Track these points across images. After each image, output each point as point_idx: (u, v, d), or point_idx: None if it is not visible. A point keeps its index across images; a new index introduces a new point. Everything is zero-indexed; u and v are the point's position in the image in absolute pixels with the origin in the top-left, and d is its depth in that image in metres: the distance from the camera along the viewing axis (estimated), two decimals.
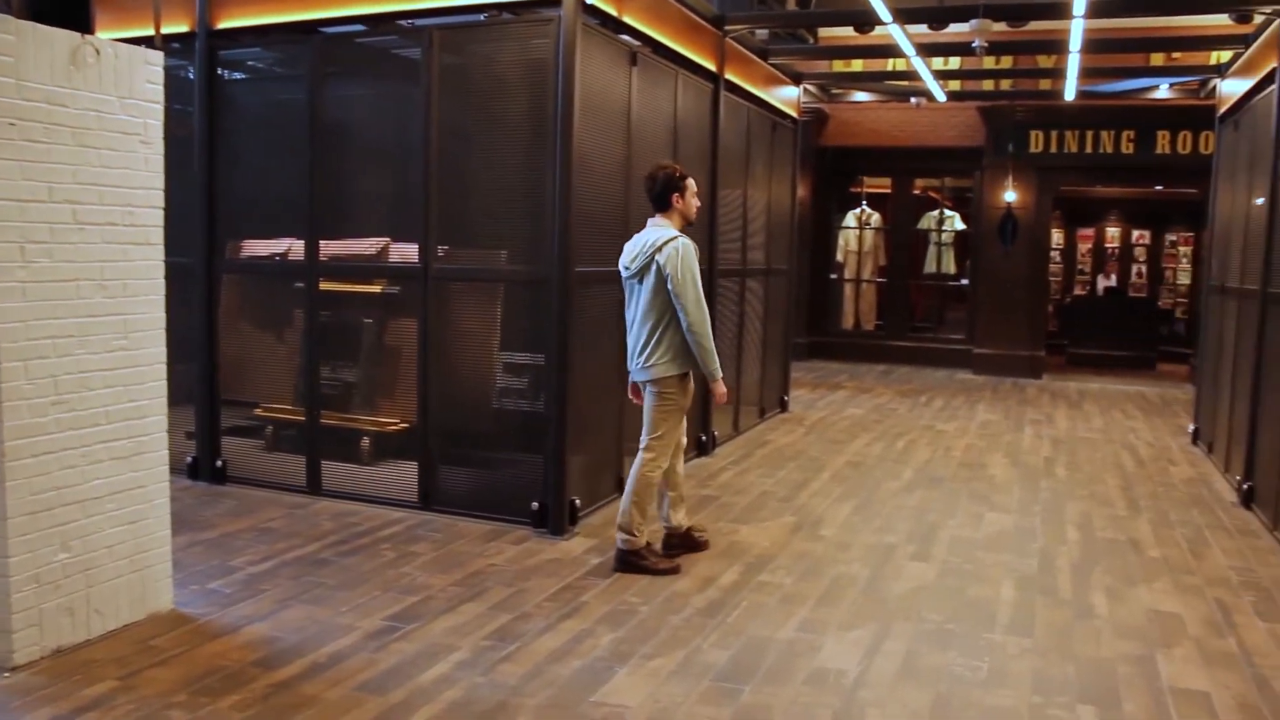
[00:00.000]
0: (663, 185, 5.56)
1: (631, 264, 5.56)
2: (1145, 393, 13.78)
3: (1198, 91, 12.22)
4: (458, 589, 5.10)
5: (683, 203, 5.60)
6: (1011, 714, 3.95)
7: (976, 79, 13.88)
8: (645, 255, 5.47)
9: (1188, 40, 11.47)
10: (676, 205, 5.58)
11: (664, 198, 5.58)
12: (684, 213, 5.61)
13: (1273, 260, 7.24)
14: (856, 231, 16.82)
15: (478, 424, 6.67)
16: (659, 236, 5.47)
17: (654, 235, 5.50)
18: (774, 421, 10.41)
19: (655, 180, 5.59)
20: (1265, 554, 6.22)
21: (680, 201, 5.59)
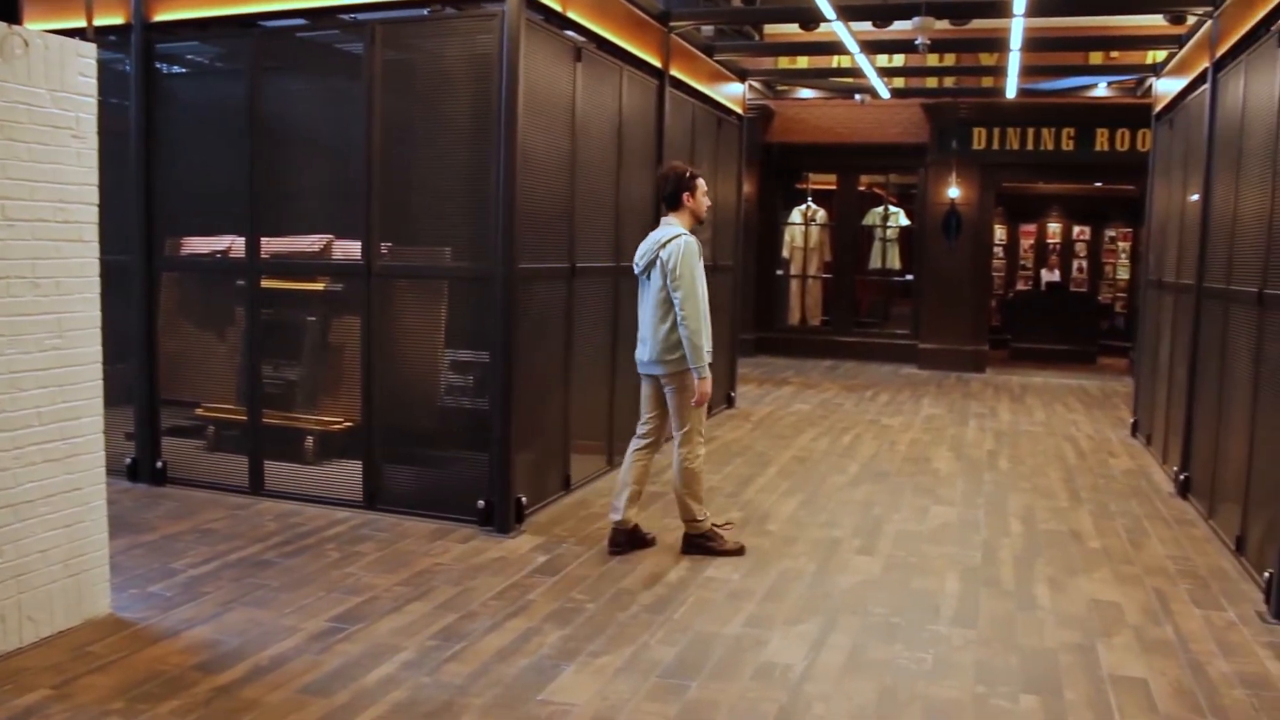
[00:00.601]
0: (674, 184, 5.76)
1: (640, 261, 5.76)
2: (1086, 386, 14.00)
3: (1135, 90, 12.42)
4: (403, 589, 5.06)
5: (693, 201, 5.77)
6: (956, 705, 3.98)
7: (920, 76, 14.02)
8: (651, 252, 5.66)
9: (1125, 40, 11.66)
10: (687, 204, 5.77)
11: (675, 196, 5.76)
12: (694, 211, 5.79)
13: (1207, 255, 7.38)
14: (802, 228, 16.92)
15: (423, 422, 6.62)
16: (666, 234, 5.65)
17: (662, 233, 5.68)
18: (720, 417, 10.44)
19: (667, 180, 5.80)
20: (1201, 543, 6.34)
21: (691, 200, 5.77)
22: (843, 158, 16.44)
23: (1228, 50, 7.23)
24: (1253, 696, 4.13)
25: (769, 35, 14.13)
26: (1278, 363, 5.41)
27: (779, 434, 9.64)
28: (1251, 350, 5.95)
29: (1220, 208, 7.11)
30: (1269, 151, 5.89)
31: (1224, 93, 7.32)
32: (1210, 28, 7.71)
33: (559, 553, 5.71)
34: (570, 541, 5.93)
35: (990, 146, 15.20)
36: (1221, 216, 7.04)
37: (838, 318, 16.79)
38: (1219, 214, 7.13)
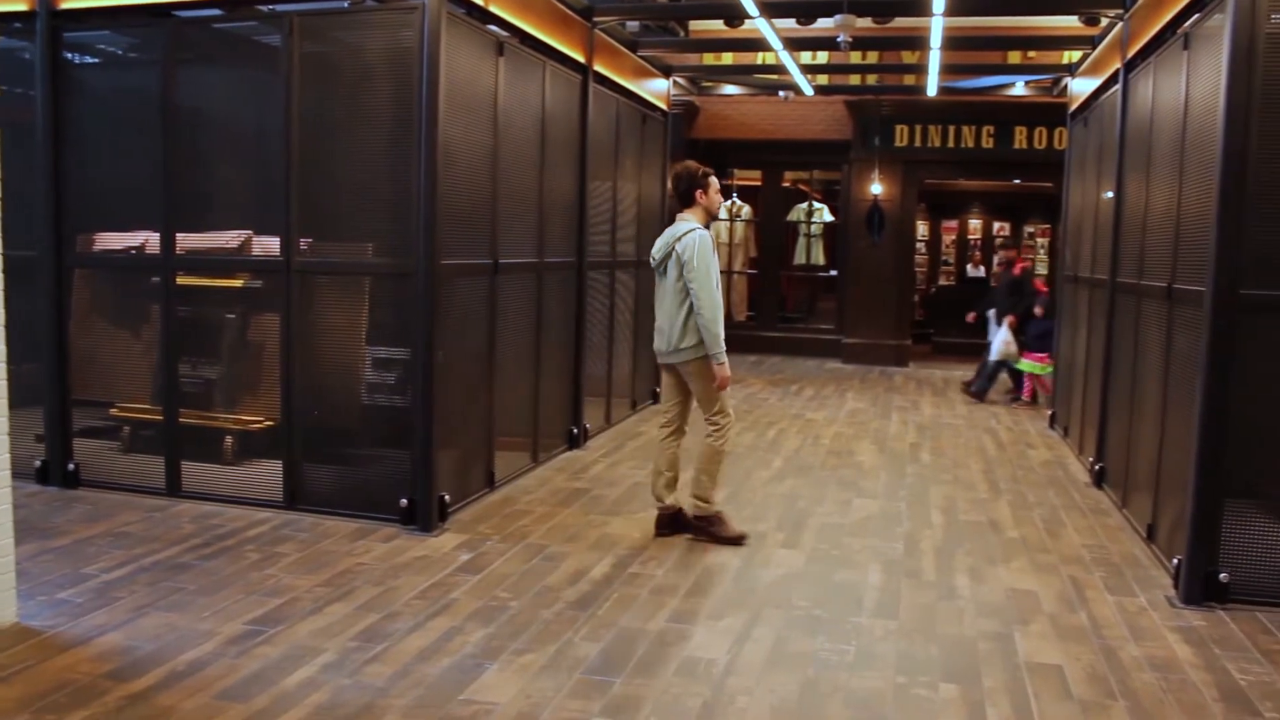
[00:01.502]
0: (687, 183, 5.99)
1: (657, 254, 6.01)
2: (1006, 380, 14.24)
3: (1051, 89, 12.68)
4: (324, 590, 4.99)
5: (706, 198, 6.01)
6: (877, 695, 4.03)
7: (844, 74, 14.16)
8: (667, 246, 5.91)
9: (1042, 40, 11.88)
10: (700, 201, 6.00)
11: (689, 194, 6.00)
12: (708, 207, 6.03)
13: (1119, 251, 7.55)
14: (727, 223, 16.99)
15: (345, 420, 6.54)
16: (681, 229, 5.90)
17: (677, 228, 5.94)
18: (646, 413, 10.45)
19: (680, 178, 6.03)
20: (1115, 531, 6.50)
21: (704, 197, 6.00)
22: (767, 154, 16.55)
23: (1138, 51, 7.40)
24: (1161, 679, 4.25)
25: (694, 32, 14.17)
26: (1186, 355, 5.56)
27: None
28: (1161, 343, 6.11)
29: (1132, 205, 7.28)
30: (1176, 150, 6.05)
31: (1134, 93, 7.49)
32: (1121, 29, 7.89)
33: (483, 551, 5.67)
34: (494, 539, 5.90)
35: (912, 144, 15.41)
36: (1133, 213, 7.21)
37: (763, 313, 16.91)
38: (1130, 211, 7.31)
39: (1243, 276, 5.02)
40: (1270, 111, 4.96)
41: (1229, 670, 4.36)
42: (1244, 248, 5.00)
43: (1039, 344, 11.69)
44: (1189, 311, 5.54)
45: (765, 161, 16.86)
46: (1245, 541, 5.13)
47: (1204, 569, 5.14)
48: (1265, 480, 5.30)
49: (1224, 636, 4.74)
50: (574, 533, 6.09)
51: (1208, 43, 5.50)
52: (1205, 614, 5.02)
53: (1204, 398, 5.13)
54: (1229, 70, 4.97)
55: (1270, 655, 4.53)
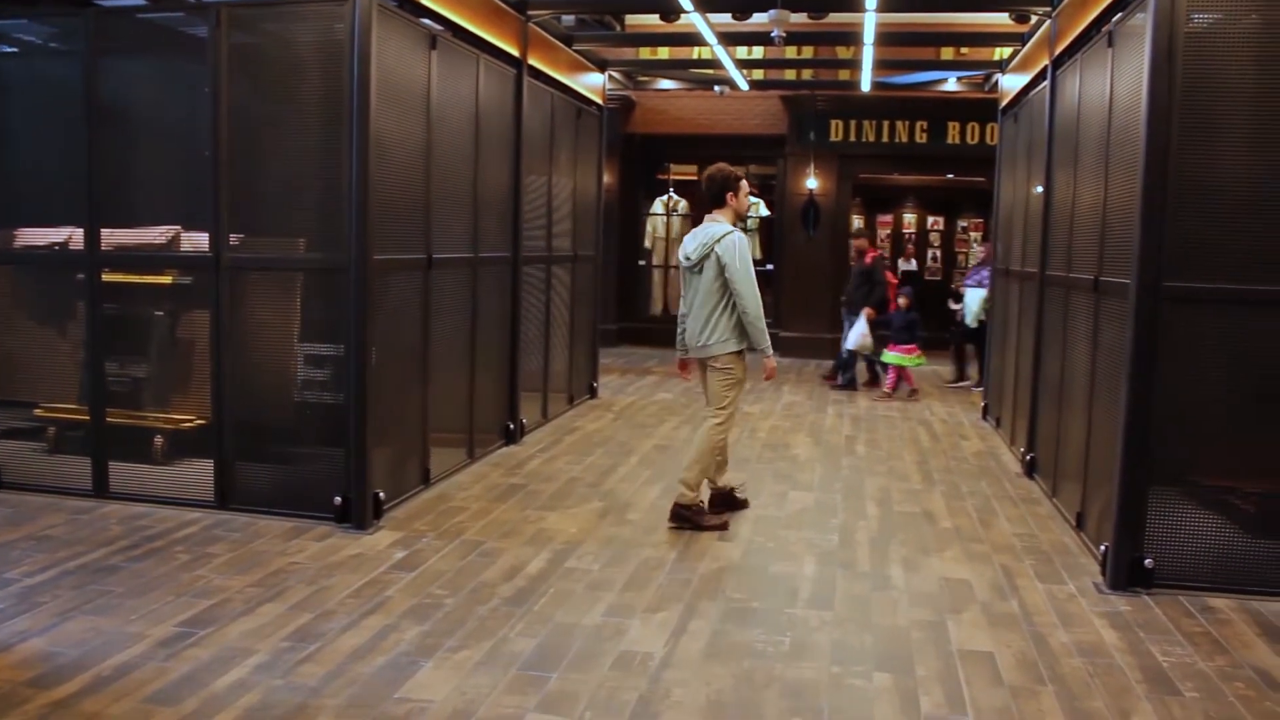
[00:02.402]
0: (719, 185, 6.25)
1: (693, 254, 6.20)
2: (941, 371, 14.41)
3: (983, 85, 12.85)
4: (256, 590, 4.92)
5: (736, 200, 6.28)
6: (812, 685, 4.07)
7: (779, 69, 14.25)
8: (705, 247, 6.11)
9: (973, 36, 12.06)
10: (730, 203, 6.26)
11: (720, 196, 6.25)
12: (737, 209, 6.30)
13: (1049, 244, 7.69)
14: (664, 218, 17.02)
15: (277, 418, 6.45)
16: (717, 231, 6.13)
17: (713, 229, 6.16)
18: (583, 408, 10.45)
19: (714, 180, 6.27)
20: (1045, 520, 6.62)
21: (734, 199, 6.27)
22: (704, 148, 16.52)
23: (1065, 48, 7.53)
24: (1088, 663, 4.34)
25: (630, 26, 14.17)
26: (1112, 347, 5.67)
27: (641, 423, 9.70)
28: (1089, 335, 6.23)
29: (1060, 199, 7.41)
30: (1101, 146, 6.16)
31: (1062, 89, 7.63)
32: (1049, 27, 8.03)
33: (418, 548, 5.63)
34: (430, 536, 5.86)
35: (847, 138, 15.55)
36: (1061, 207, 7.34)
37: None
38: (1059, 205, 7.44)
39: (1165, 269, 5.13)
40: (1190, 108, 5.07)
41: (1153, 653, 4.47)
42: (1166, 241, 5.11)
43: (904, 335, 11.79)
44: (1115, 303, 5.65)
45: (701, 156, 16.76)
46: (1169, 528, 5.25)
47: (1130, 555, 5.25)
48: (1188, 468, 5.43)
49: (1148, 620, 4.85)
50: (510, 528, 6.07)
51: (1131, 41, 5.61)
52: (1131, 599, 5.14)
53: (1129, 388, 5.24)
54: (1150, 68, 5.07)
55: (1192, 637, 4.65)
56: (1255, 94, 5.05)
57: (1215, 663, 4.38)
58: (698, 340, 6.26)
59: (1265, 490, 5.47)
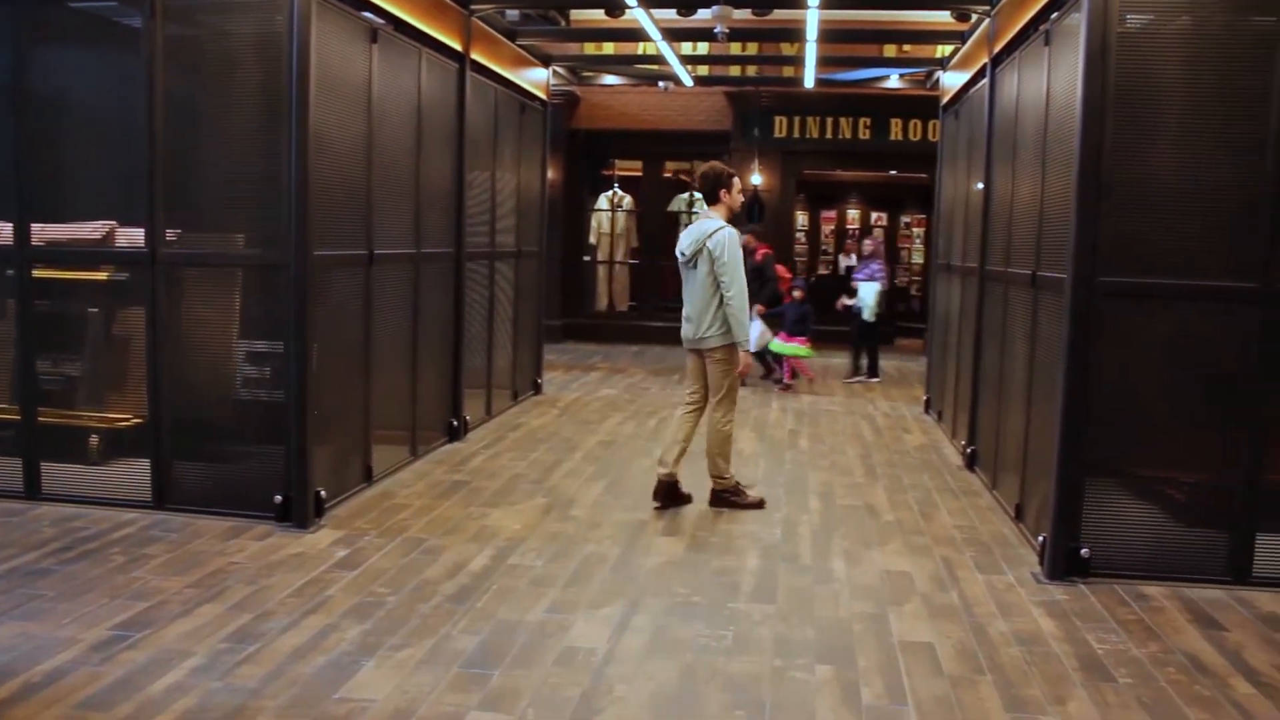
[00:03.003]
0: (713, 182, 6.53)
1: (686, 250, 6.48)
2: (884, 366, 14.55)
3: (925, 82, 12.99)
4: (194, 591, 4.84)
5: (729, 197, 6.56)
6: (754, 679, 4.09)
7: (724, 65, 14.29)
8: (698, 243, 6.38)
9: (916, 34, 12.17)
10: (724, 199, 6.55)
11: (714, 193, 6.54)
12: (730, 205, 6.58)
13: (988, 240, 7.79)
14: (609, 214, 17.03)
15: (217, 416, 6.34)
16: (709, 227, 6.40)
17: (705, 226, 6.44)
18: (527, 404, 10.42)
19: (707, 178, 6.56)
20: (985, 512, 6.71)
21: (728, 196, 6.55)
22: (648, 144, 16.62)
23: (1004, 47, 7.63)
24: (1026, 652, 4.41)
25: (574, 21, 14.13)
26: (1049, 341, 5.76)
27: (585, 419, 9.69)
28: (1027, 329, 6.32)
29: (999, 195, 7.52)
30: (1039, 143, 6.26)
31: (1001, 87, 7.73)
32: (988, 25, 8.12)
33: (360, 546, 5.58)
34: (372, 534, 5.81)
35: (791, 135, 15.66)
36: (1000, 203, 7.44)
37: (645, 303, 16.97)
38: (998, 201, 7.54)
39: (1100, 264, 5.22)
40: (1124, 107, 5.16)
41: (1089, 641, 4.54)
42: (1101, 237, 5.20)
43: (797, 328, 11.88)
44: (1052, 298, 5.74)
45: (646, 152, 16.92)
46: (1105, 518, 5.35)
47: (1066, 546, 5.34)
48: (1123, 459, 5.53)
49: (1084, 609, 4.94)
50: (453, 525, 6.03)
51: (1066, 40, 5.70)
52: (1068, 588, 5.22)
53: (1065, 381, 5.32)
54: (1085, 67, 5.16)
55: (1126, 625, 4.74)
56: (1185, 93, 5.15)
57: (1148, 649, 4.47)
58: (695, 333, 6.52)
59: (1197, 480, 5.59)
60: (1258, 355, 5.22)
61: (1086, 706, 3.92)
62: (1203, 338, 5.33)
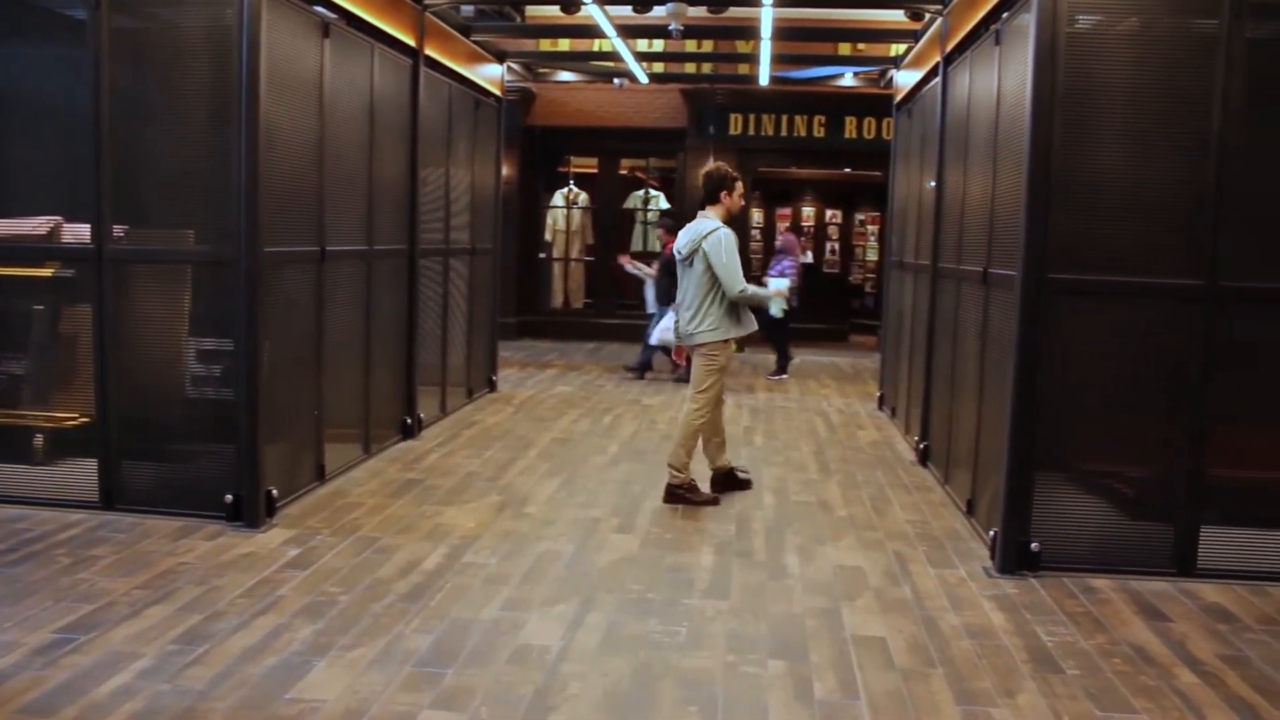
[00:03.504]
0: (715, 183, 6.68)
1: (684, 249, 6.64)
2: (839, 363, 14.71)
3: (878, 81, 13.07)
4: (142, 592, 4.77)
5: (730, 199, 6.69)
6: (707, 675, 4.10)
7: (679, 62, 14.29)
8: (694, 242, 6.55)
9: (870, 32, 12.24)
10: (724, 201, 6.69)
11: (715, 194, 6.69)
12: (729, 207, 6.72)
13: (940, 237, 7.85)
14: (564, 211, 16.99)
15: (166, 415, 6.25)
16: (706, 227, 6.55)
17: (702, 226, 6.59)
18: (482, 402, 10.38)
19: (710, 178, 6.71)
20: (938, 507, 6.77)
21: (728, 198, 6.69)
22: (604, 141, 16.61)
23: (955, 46, 7.70)
24: (977, 645, 4.45)
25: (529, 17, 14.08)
26: (1000, 337, 5.82)
27: (540, 416, 9.66)
28: (978, 326, 6.39)
29: (951, 192, 7.58)
30: (990, 141, 6.32)
31: (953, 86, 7.79)
32: (941, 25, 8.18)
33: (312, 545, 5.53)
34: (325, 533, 5.76)
35: (746, 132, 15.71)
36: (952, 200, 7.51)
37: (600, 301, 16.95)
38: (950, 198, 7.61)
39: (1050, 261, 5.29)
40: (1072, 106, 5.23)
41: (1038, 633, 4.60)
42: (1050, 234, 5.27)
43: None
44: (1002, 295, 5.80)
45: (602, 149, 16.90)
46: (1054, 512, 5.42)
47: (1017, 540, 5.40)
48: (1073, 454, 5.60)
49: (1034, 602, 5.00)
50: (406, 524, 6.00)
51: (1017, 39, 5.76)
52: (1018, 582, 5.28)
53: (1015, 377, 5.38)
54: (1034, 67, 5.21)
55: (1074, 617, 4.80)
56: (1132, 93, 5.23)
57: (1095, 641, 4.53)
58: (687, 328, 6.67)
59: (1143, 474, 5.68)
60: (1202, 351, 5.31)
61: (1035, 698, 3.97)
62: (1149, 334, 5.41)
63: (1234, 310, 5.30)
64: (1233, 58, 5.15)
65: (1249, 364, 5.41)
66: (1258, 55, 5.28)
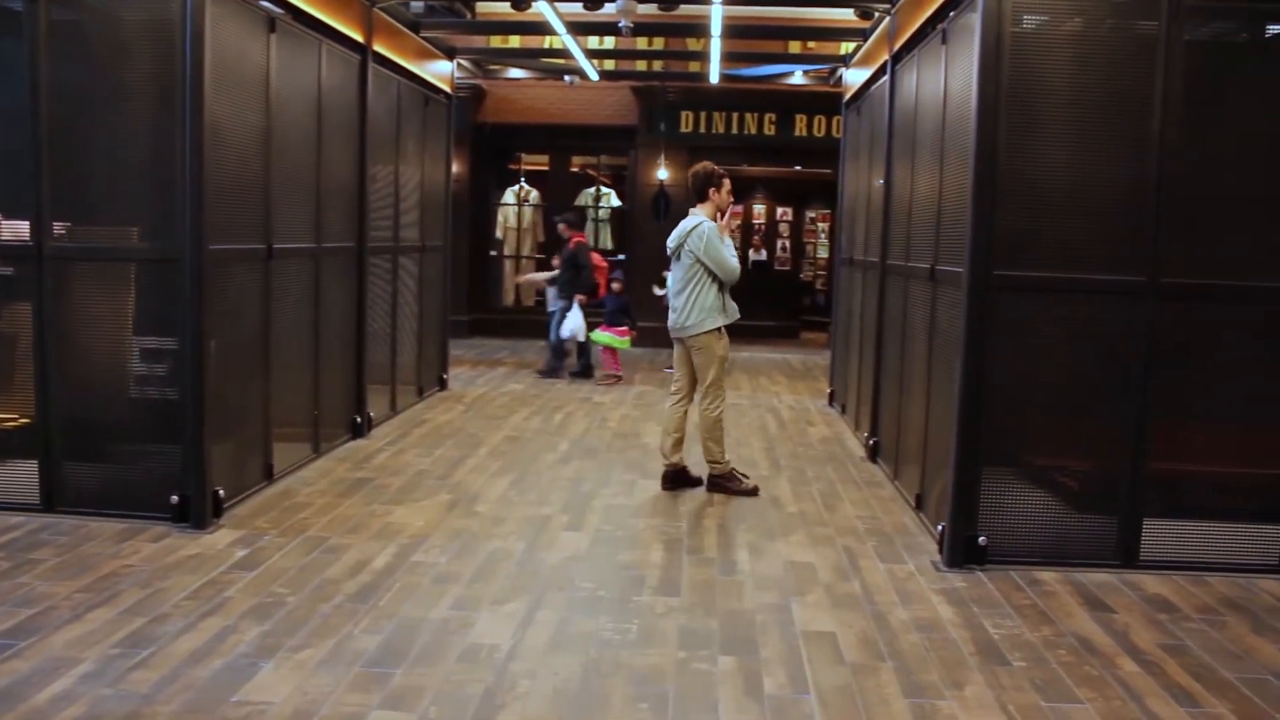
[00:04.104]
0: (703, 181, 6.90)
1: (672, 244, 6.91)
2: (790, 360, 14.79)
3: (828, 79, 13.14)
4: (85, 595, 4.69)
5: (718, 196, 6.91)
6: (658, 671, 4.10)
7: (630, 59, 14.29)
8: (681, 237, 6.82)
9: (820, 31, 12.30)
10: (712, 198, 6.90)
11: (703, 191, 6.91)
12: (718, 204, 6.92)
13: (889, 234, 7.92)
14: (515, 208, 16.92)
15: (109, 415, 6.15)
16: (692, 223, 6.80)
17: (689, 222, 6.83)
18: (433, 400, 10.31)
19: (698, 176, 6.95)
20: (887, 502, 6.82)
21: (716, 195, 6.90)
22: (555, 138, 16.56)
23: (903, 44, 7.75)
24: (925, 639, 4.50)
25: (480, 14, 14.01)
26: (948, 333, 5.88)
27: (491, 415, 9.62)
28: (926, 323, 6.44)
29: (899, 190, 7.64)
30: (937, 140, 6.38)
31: (900, 84, 7.85)
32: (889, 23, 8.24)
33: (260, 546, 5.47)
34: (273, 533, 5.69)
35: (697, 129, 15.72)
36: (901, 198, 7.57)
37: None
38: (898, 196, 7.66)
39: (995, 258, 5.35)
40: (1017, 106, 5.29)
41: (985, 626, 4.65)
42: (996, 231, 5.33)
43: (617, 319, 11.96)
44: (950, 291, 5.85)
45: (553, 146, 16.85)
46: (1001, 506, 5.49)
47: (965, 534, 5.46)
48: (1019, 448, 5.68)
49: (982, 596, 5.05)
50: (356, 523, 5.95)
51: (963, 39, 5.81)
52: (966, 575, 5.34)
53: (962, 372, 5.44)
54: (980, 66, 5.27)
55: (1021, 610, 4.86)
56: (1076, 92, 5.31)
57: (1041, 633, 4.59)
58: (677, 322, 6.87)
59: (1088, 468, 5.77)
60: (1144, 347, 5.40)
61: (982, 690, 4.02)
62: (1093, 330, 5.49)
63: (1175, 306, 5.39)
64: (1171, 59, 5.25)
65: (1189, 359, 5.51)
66: (1195, 57, 5.39)
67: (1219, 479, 5.70)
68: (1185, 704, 3.95)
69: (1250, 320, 5.51)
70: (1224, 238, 5.47)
